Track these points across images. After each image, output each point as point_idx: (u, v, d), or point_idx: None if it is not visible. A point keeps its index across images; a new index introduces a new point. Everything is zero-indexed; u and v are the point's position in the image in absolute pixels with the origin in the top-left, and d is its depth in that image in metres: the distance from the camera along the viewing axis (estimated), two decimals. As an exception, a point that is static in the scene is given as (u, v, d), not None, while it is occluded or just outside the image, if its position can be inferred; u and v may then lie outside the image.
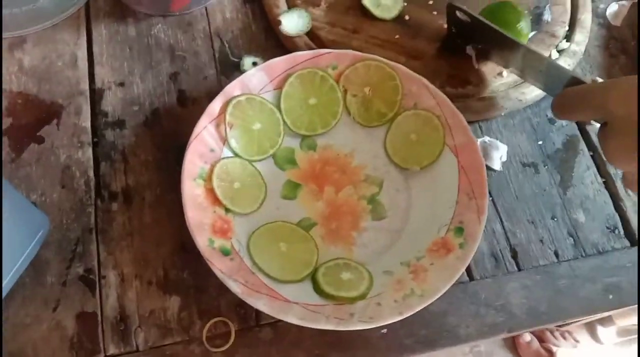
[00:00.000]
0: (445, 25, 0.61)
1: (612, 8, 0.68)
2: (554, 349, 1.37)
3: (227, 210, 0.50)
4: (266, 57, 0.57)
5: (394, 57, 0.58)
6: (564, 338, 1.41)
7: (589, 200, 0.57)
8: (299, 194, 0.54)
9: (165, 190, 0.53)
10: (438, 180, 0.53)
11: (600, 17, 0.67)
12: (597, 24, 0.67)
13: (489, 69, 0.59)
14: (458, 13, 0.56)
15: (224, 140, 0.52)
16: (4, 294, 0.46)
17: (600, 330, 1.40)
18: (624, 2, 0.68)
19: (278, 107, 0.55)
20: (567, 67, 0.61)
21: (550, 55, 0.61)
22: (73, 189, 0.53)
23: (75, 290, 0.49)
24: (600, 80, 0.63)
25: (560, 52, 0.62)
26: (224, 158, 0.52)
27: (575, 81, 0.49)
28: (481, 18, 0.54)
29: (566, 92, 0.46)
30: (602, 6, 0.68)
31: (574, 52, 0.62)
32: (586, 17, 0.64)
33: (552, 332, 1.42)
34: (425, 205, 0.53)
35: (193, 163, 0.50)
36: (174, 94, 0.58)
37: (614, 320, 1.33)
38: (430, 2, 0.63)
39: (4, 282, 0.45)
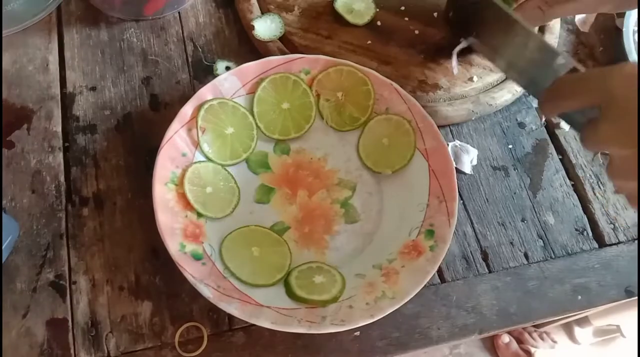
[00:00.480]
0: (417, 32, 0.62)
1: (580, 16, 0.69)
2: (532, 350, 1.38)
3: (199, 214, 0.50)
4: (239, 61, 0.57)
5: (366, 63, 0.59)
6: (542, 339, 1.43)
7: (558, 202, 0.58)
8: (272, 198, 0.54)
9: (137, 195, 0.53)
10: (409, 183, 0.54)
11: (569, 23, 0.69)
12: (566, 30, 0.68)
13: (459, 74, 0.60)
14: None
15: (196, 145, 0.52)
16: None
17: (578, 331, 1.42)
18: (591, 8, 0.70)
19: (251, 111, 0.55)
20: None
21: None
22: (43, 194, 0.52)
23: (45, 296, 0.49)
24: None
25: (529, 57, 0.63)
26: (196, 162, 0.52)
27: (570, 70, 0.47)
28: None
29: (561, 79, 0.45)
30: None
31: (543, 58, 0.63)
32: (555, 23, 0.65)
33: (530, 333, 1.43)
34: (397, 208, 0.54)
35: (164, 167, 0.50)
36: (146, 98, 0.58)
37: (590, 321, 1.35)
38: (402, 9, 0.64)
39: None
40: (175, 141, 0.51)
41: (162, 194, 0.49)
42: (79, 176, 0.53)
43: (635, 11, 0.65)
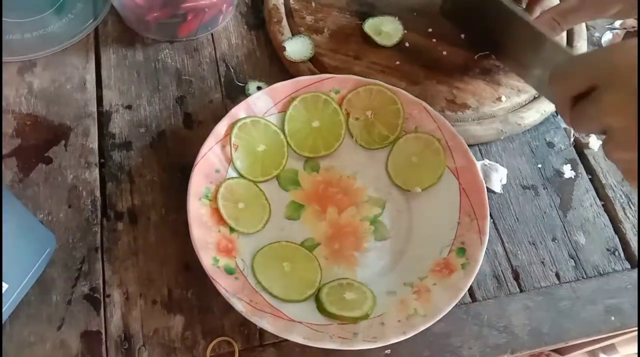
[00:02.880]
0: (445, 52, 0.63)
1: (607, 36, 0.70)
2: (556, 378, 1.35)
3: (231, 229, 0.51)
4: (270, 82, 0.58)
5: (395, 82, 0.59)
6: (566, 367, 1.39)
7: (589, 222, 0.58)
8: (302, 215, 0.55)
9: (170, 210, 0.54)
10: (439, 201, 0.54)
11: (595, 44, 0.69)
12: (593, 52, 0.68)
13: (487, 93, 0.61)
14: None
15: (229, 161, 0.53)
16: (9, 312, 0.47)
17: (603, 359, 1.39)
18: (617, 30, 0.70)
19: (282, 129, 0.56)
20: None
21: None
22: (79, 208, 0.53)
23: (80, 309, 0.49)
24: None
25: (557, 78, 0.63)
26: (229, 178, 0.53)
27: None
28: None
29: (568, 59, 0.47)
30: (597, 34, 0.70)
31: (570, 78, 0.63)
32: (582, 44, 0.66)
33: (554, 361, 1.40)
34: (427, 226, 0.54)
35: (199, 183, 0.51)
36: (180, 116, 0.59)
37: (617, 348, 1.32)
38: (430, 30, 0.65)
39: (9, 301, 0.46)
40: (210, 158, 0.52)
41: (197, 208, 0.49)
42: (114, 191, 0.55)
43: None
